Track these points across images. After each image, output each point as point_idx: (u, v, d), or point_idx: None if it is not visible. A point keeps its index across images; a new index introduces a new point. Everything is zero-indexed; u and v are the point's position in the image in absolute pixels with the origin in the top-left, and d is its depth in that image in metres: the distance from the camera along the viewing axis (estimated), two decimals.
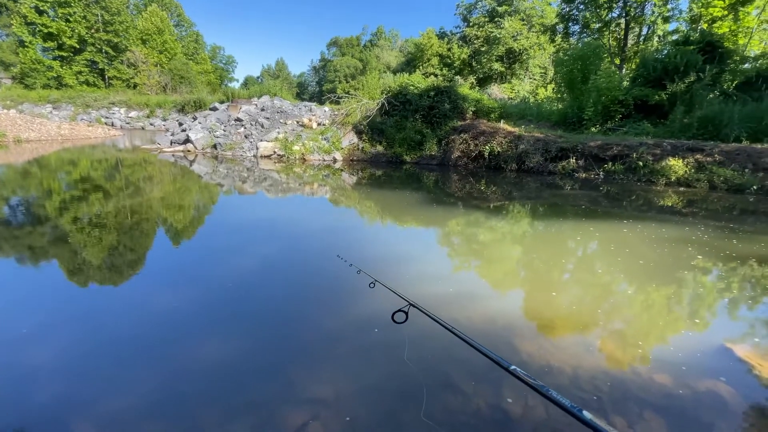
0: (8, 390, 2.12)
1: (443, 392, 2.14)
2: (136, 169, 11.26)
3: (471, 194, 8.90)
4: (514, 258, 4.85)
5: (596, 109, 13.95)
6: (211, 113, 16.56)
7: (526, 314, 3.27)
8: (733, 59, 14.64)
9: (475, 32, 35.24)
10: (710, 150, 10.06)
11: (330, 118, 15.46)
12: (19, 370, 2.28)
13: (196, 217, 6.43)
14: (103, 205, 6.76)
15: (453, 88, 14.75)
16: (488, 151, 12.29)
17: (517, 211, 7.25)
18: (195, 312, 3.07)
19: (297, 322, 2.94)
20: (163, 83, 37.36)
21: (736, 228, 6.09)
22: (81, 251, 4.54)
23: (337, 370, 2.33)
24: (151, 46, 39.45)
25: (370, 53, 58.32)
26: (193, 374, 2.27)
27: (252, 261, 4.29)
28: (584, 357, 2.54)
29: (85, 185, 8.59)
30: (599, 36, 23.65)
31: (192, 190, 8.66)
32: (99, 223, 5.70)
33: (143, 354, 2.47)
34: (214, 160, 12.99)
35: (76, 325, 2.85)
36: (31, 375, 2.24)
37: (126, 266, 4.22)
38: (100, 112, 29.81)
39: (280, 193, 8.56)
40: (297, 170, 11.58)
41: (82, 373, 2.27)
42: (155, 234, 5.53)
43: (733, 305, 3.59)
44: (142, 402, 2.03)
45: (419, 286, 3.73)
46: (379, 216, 6.98)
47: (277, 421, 1.89)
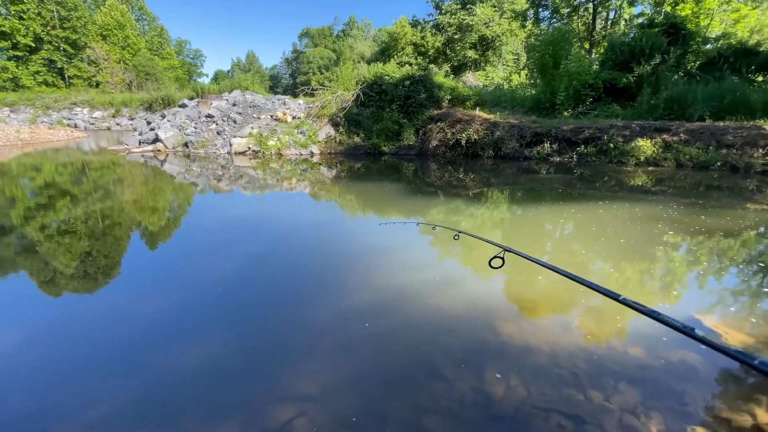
0: None
1: (428, 379, 2.18)
2: (104, 171, 10.82)
3: (450, 183, 8.98)
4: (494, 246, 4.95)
5: (568, 94, 14.24)
6: (180, 110, 16.01)
7: (507, 297, 3.35)
8: (695, 40, 15.18)
9: (448, 20, 35.18)
10: (676, 130, 10.45)
11: (305, 111, 15.21)
12: None
13: (172, 219, 6.25)
14: (71, 211, 6.48)
15: (428, 76, 14.74)
16: (465, 138, 12.39)
17: (495, 198, 7.37)
18: (175, 316, 3.01)
19: (279, 321, 2.92)
20: (128, 80, 35.83)
21: (703, 203, 6.38)
22: (51, 260, 4.35)
23: (323, 365, 2.33)
24: (113, 41, 37.66)
25: (343, 43, 57.47)
26: (176, 379, 2.23)
27: (231, 261, 4.22)
28: (563, 335, 2.63)
29: (51, 191, 8.20)
30: (569, 21, 24.06)
31: (165, 191, 8.40)
32: (69, 230, 5.46)
33: (122, 362, 2.41)
34: (187, 158, 12.61)
35: (52, 336, 2.75)
36: (6, 390, 2.15)
37: (101, 273, 4.07)
38: (62, 113, 28.36)
39: (258, 189, 8.41)
40: (274, 165, 11.39)
41: (59, 386, 2.19)
42: (130, 238, 5.35)
43: (702, 277, 3.78)
44: (123, 411, 1.98)
45: (404, 273, 3.76)
46: (360, 209, 6.96)
47: (263, 420, 1.88)
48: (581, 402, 2.00)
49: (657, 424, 1.87)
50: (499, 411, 1.94)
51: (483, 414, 1.93)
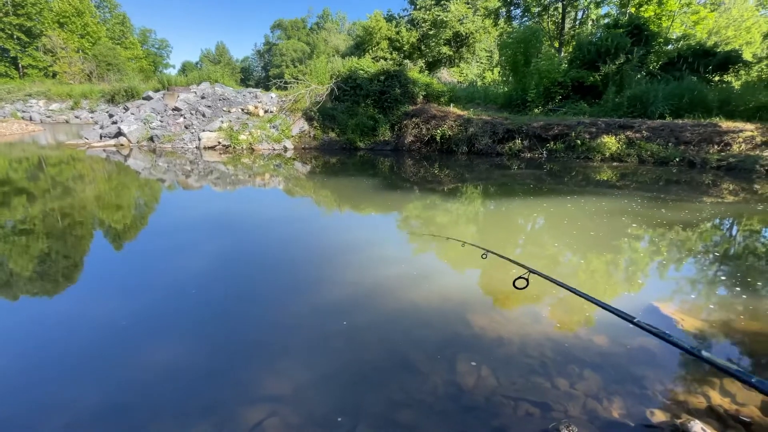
0: None
1: (402, 373, 2.19)
2: (63, 167, 10.23)
3: (425, 178, 9.05)
4: (470, 237, 5.03)
5: (538, 91, 14.61)
6: (145, 103, 15.31)
7: (480, 290, 3.42)
8: (657, 41, 15.90)
9: (423, 15, 35.26)
10: (638, 127, 10.94)
11: (278, 104, 14.90)
12: None
13: (137, 217, 5.99)
14: (27, 210, 6.09)
15: (403, 72, 14.74)
16: (440, 134, 12.51)
17: (470, 193, 7.49)
18: (140, 317, 2.89)
19: (251, 319, 2.87)
20: (88, 71, 33.94)
21: (664, 197, 6.72)
22: (6, 261, 4.08)
23: (296, 363, 2.31)
24: (71, 29, 35.54)
25: (317, 36, 56.60)
26: (140, 384, 2.14)
27: (200, 259, 4.09)
28: (532, 326, 2.71)
29: (4, 188, 7.68)
30: (539, 20, 24.63)
31: (130, 187, 8.03)
32: (25, 230, 5.13)
33: (83, 367, 2.29)
34: (152, 153, 12.11)
35: (8, 341, 2.58)
36: None
37: (60, 275, 3.85)
38: (15, 105, 26.58)
39: (229, 186, 8.18)
40: (245, 161, 11.11)
41: (16, 393, 2.06)
42: (92, 238, 5.09)
43: (663, 267, 3.98)
44: (83, 419, 1.89)
45: (379, 268, 3.77)
46: (336, 204, 6.90)
47: (234, 423, 1.84)
48: (548, 389, 2.07)
49: (618, 408, 1.96)
50: (470, 401, 1.98)
51: (455, 405, 1.96)
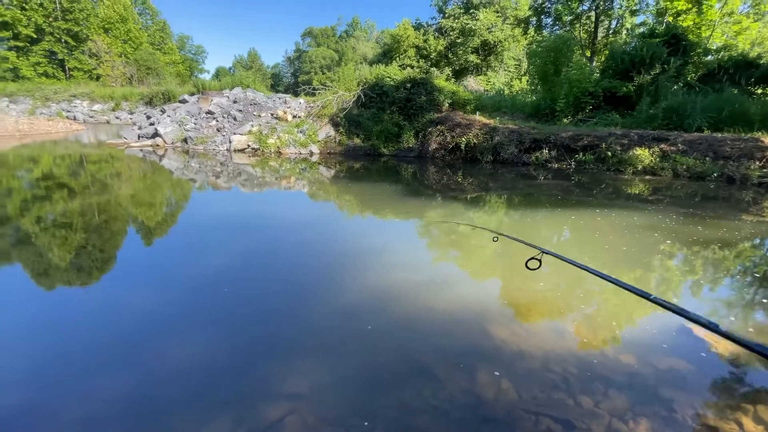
0: None
1: (419, 379, 2.18)
2: (102, 165, 10.78)
3: (449, 186, 9.00)
4: (492, 247, 4.96)
5: (568, 101, 14.31)
6: (180, 106, 15.98)
7: (501, 302, 3.36)
8: (696, 51, 15.28)
9: (451, 24, 35.31)
10: (674, 139, 10.52)
11: (306, 110, 15.21)
12: None
13: (168, 215, 6.24)
14: (68, 204, 6.45)
15: (429, 80, 14.77)
16: (464, 143, 12.43)
17: (493, 202, 7.39)
18: (166, 312, 3.00)
19: (273, 318, 2.92)
20: (129, 74, 35.76)
21: (700, 214, 6.42)
22: (46, 253, 4.33)
23: (315, 363, 2.33)
24: (115, 35, 37.61)
25: (346, 44, 57.59)
26: (165, 375, 2.22)
27: (225, 258, 4.22)
28: (556, 341, 2.63)
29: (48, 183, 8.17)
30: (571, 29, 24.19)
31: (163, 186, 8.38)
32: (65, 223, 5.44)
33: (112, 358, 2.40)
34: (185, 154, 12.59)
35: (44, 329, 2.74)
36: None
37: (95, 267, 4.06)
38: (61, 105, 28.27)
39: (256, 187, 8.40)
40: (273, 164, 11.38)
41: (48, 380, 2.19)
42: (125, 233, 5.34)
43: (696, 287, 3.80)
44: (112, 408, 1.97)
45: (398, 274, 3.76)
46: (358, 209, 6.96)
47: (254, 418, 1.88)
48: (571, 406, 2.01)
49: (645, 430, 1.87)
50: (489, 412, 1.95)
51: (472, 415, 1.93)
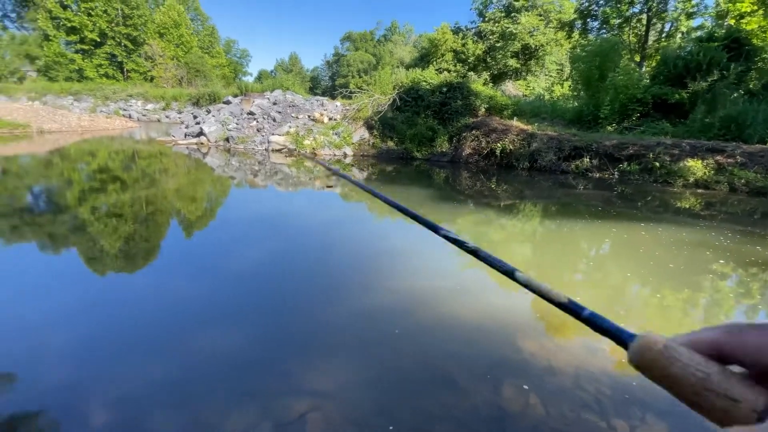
0: (27, 370, 2.21)
1: (442, 388, 2.15)
2: (151, 160, 11.49)
3: (482, 192, 8.84)
4: (524, 257, 4.82)
5: (613, 108, 13.65)
6: (224, 106, 16.74)
7: (530, 314, 3.25)
8: (761, 57, 14.12)
9: (491, 27, 34.72)
10: (732, 151, 9.76)
11: (341, 112, 15.48)
12: (38, 351, 2.37)
13: (209, 210, 6.55)
14: (119, 196, 6.92)
15: (466, 84, 14.61)
16: (500, 148, 12.16)
17: (528, 210, 7.18)
18: (201, 302, 3.14)
19: (300, 315, 2.99)
20: (179, 76, 37.91)
21: (759, 232, 5.92)
22: (98, 240, 4.67)
23: (338, 363, 2.36)
24: (168, 39, 40.02)
25: (383, 48, 58.07)
26: (198, 362, 2.33)
27: (260, 253, 4.36)
28: (588, 359, 2.52)
29: (103, 176, 8.81)
30: (619, 32, 23.08)
31: (205, 182, 8.80)
32: (115, 213, 5.84)
33: (152, 341, 2.55)
34: (227, 153, 13.16)
35: (92, 311, 2.95)
36: (48, 357, 2.33)
37: (139, 256, 4.33)
38: (118, 104, 30.44)
39: (291, 187, 8.63)
40: (307, 164, 11.66)
41: (93, 358, 2.35)
42: (168, 225, 5.65)
43: (752, 312, 3.50)
44: (148, 387, 2.09)
45: (424, 279, 3.74)
46: (387, 212, 6.98)
47: (278, 410, 1.93)
48: (603, 429, 1.91)
49: None
50: (514, 427, 1.89)
51: (496, 428, 1.88)
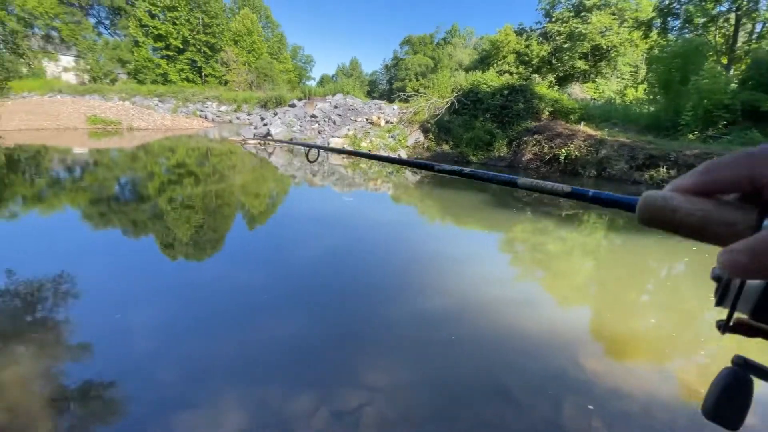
0: (111, 342, 2.51)
1: (497, 398, 2.09)
2: (222, 158, 12.43)
3: (541, 200, 8.43)
4: (586, 272, 4.53)
5: (696, 114, 12.33)
6: (289, 109, 17.67)
7: (594, 333, 3.04)
8: None
9: (558, 28, 33.02)
10: None
11: (398, 116, 15.63)
12: (121, 325, 2.68)
13: (270, 205, 6.94)
14: (193, 189, 7.59)
15: (529, 86, 14.04)
16: (564, 154, 11.52)
17: (592, 222, 6.73)
18: (264, 291, 3.35)
19: (358, 311, 3.06)
20: (250, 81, 40.61)
21: None
22: (173, 228, 5.15)
23: (393, 363, 2.39)
24: (242, 46, 43.05)
25: (442, 51, 57.55)
26: (263, 346, 2.49)
27: (319, 249, 4.54)
28: (659, 386, 2.31)
29: (180, 170, 9.70)
30: (703, 32, 20.80)
31: (268, 180, 9.35)
32: (189, 205, 6.41)
33: (223, 322, 2.76)
34: (290, 153, 13.85)
35: (168, 291, 3.27)
36: (130, 331, 2.62)
37: (208, 245, 4.71)
38: (196, 105, 33.33)
39: (346, 187, 8.88)
40: (363, 166, 11.91)
41: (171, 334, 2.61)
42: (234, 217, 6.09)
43: None
44: (220, 364, 2.28)
45: (481, 287, 3.65)
46: (440, 215, 6.93)
47: (335, 401, 2.01)
48: None
49: None
50: None
51: None
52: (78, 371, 2.21)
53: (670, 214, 0.28)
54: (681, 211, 0.28)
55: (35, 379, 2.12)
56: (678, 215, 0.28)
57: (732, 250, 0.24)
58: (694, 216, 0.27)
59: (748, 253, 0.23)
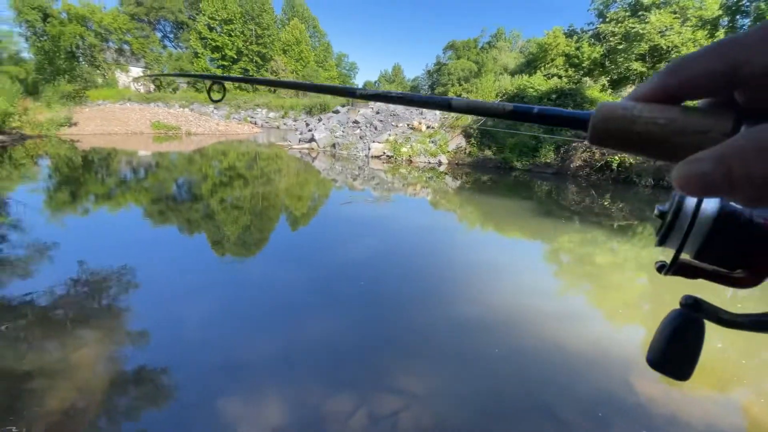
0: (164, 331, 2.68)
1: (541, 418, 1.99)
2: (269, 162, 13.00)
3: (591, 209, 7.99)
4: (639, 288, 4.22)
5: None
6: (333, 116, 18.14)
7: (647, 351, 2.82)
8: None
9: (612, 28, 31.28)
10: None
11: (439, 121, 15.51)
12: (175, 316, 2.86)
13: (312, 208, 7.14)
14: (242, 191, 7.99)
15: (579, 90, 13.43)
16: (617, 162, 10.85)
17: (647, 234, 6.26)
18: (306, 290, 3.44)
19: (399, 317, 3.06)
20: None
21: None
22: (222, 227, 5.45)
23: (432, 370, 2.36)
24: (290, 55, 44.98)
25: (486, 55, 56.44)
26: (305, 344, 2.56)
27: (360, 253, 4.60)
28: (722, 417, 2.09)
29: (231, 173, 10.26)
30: None
31: (312, 183, 9.63)
32: (237, 206, 6.75)
33: (266, 319, 2.88)
34: (332, 158, 14.20)
35: (216, 286, 3.46)
36: (182, 322, 2.79)
37: (253, 244, 4.93)
38: (247, 112, 35.23)
39: (385, 191, 8.93)
40: (402, 171, 11.93)
41: (218, 327, 2.75)
42: (278, 218, 6.33)
43: None
44: (263, 360, 2.37)
45: (524, 298, 3.52)
46: (480, 223, 6.76)
47: (372, 404, 2.01)
48: None
49: None
50: None
51: None
52: (135, 356, 2.39)
53: (629, 124, 0.24)
54: (642, 120, 0.23)
55: (100, 361, 2.31)
56: (638, 126, 0.24)
57: (693, 160, 0.20)
58: (656, 124, 0.23)
59: (714, 161, 0.18)
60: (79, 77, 29.49)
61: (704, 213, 0.28)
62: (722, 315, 0.32)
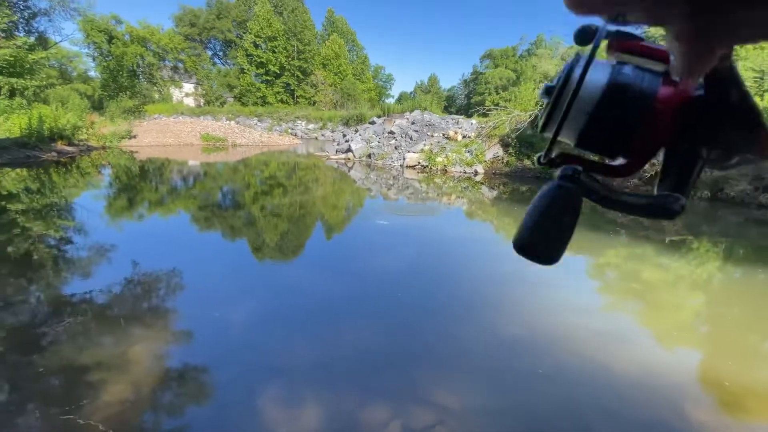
0: (207, 332, 2.82)
1: None
2: (307, 171, 13.40)
3: (640, 222, 7.52)
4: (692, 308, 3.91)
5: None
6: (369, 126, 18.45)
7: (704, 380, 2.60)
8: None
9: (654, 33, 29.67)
10: None
11: (476, 130, 15.32)
12: (218, 317, 3.00)
13: (346, 217, 7.26)
14: (281, 199, 8.28)
15: None
16: None
17: (704, 250, 5.80)
18: (341, 298, 3.49)
19: (437, 330, 3.03)
20: (335, 101, 43.45)
21: None
22: (262, 233, 5.67)
23: (467, 386, 2.31)
24: (330, 69, 46.41)
25: (525, 63, 55.30)
26: (343, 352, 2.60)
27: (397, 263, 4.61)
28: None
29: (271, 182, 10.68)
30: None
31: (346, 192, 9.81)
32: (276, 213, 7.00)
33: (304, 325, 2.95)
34: (368, 168, 14.41)
35: (257, 291, 3.60)
36: (224, 324, 2.92)
37: (290, 251, 5.08)
38: (288, 124, 36.65)
39: (419, 201, 8.91)
40: (437, 181, 11.86)
41: (258, 330, 2.86)
42: (314, 226, 6.49)
43: None
44: (301, 364, 2.43)
45: (565, 315, 3.36)
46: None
47: (407, 416, 2.00)
48: None
49: None
50: None
51: None
52: (181, 355, 2.53)
53: None
54: None
55: (149, 358, 2.47)
56: None
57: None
58: None
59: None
60: (139, 93, 32.16)
61: (591, 84, 0.25)
62: (603, 192, 0.28)
